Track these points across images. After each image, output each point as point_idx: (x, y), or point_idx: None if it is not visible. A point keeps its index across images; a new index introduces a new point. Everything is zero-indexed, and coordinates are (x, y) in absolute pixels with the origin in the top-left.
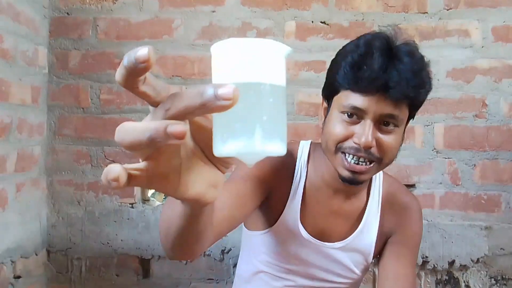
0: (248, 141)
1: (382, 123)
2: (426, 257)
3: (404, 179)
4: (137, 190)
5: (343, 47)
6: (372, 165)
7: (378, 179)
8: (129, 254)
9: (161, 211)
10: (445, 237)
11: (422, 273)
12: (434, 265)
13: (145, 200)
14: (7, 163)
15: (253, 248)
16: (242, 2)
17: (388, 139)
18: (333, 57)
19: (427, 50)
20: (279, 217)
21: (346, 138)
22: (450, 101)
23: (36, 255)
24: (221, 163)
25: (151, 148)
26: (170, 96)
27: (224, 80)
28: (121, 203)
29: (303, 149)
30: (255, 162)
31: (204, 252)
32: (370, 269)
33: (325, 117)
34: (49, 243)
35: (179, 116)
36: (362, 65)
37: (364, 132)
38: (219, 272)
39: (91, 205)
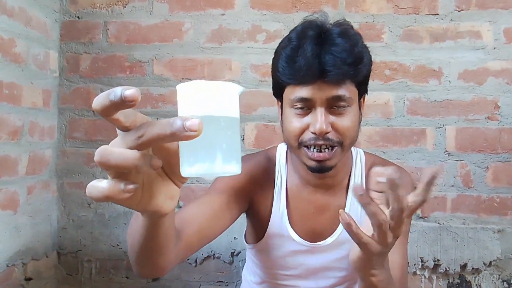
0: (211, 165)
1: (333, 106)
2: (438, 260)
3: (416, 182)
4: None
5: (279, 43)
6: (334, 150)
7: (359, 164)
8: None
9: (129, 226)
10: (457, 240)
11: (434, 277)
12: (446, 268)
13: None
14: (19, 166)
15: (254, 260)
16: (251, 5)
17: (342, 121)
18: None
19: (438, 52)
20: (268, 225)
21: (303, 131)
22: (461, 103)
23: (47, 257)
24: (177, 178)
25: (132, 172)
26: (142, 124)
27: (189, 113)
28: None
29: (281, 151)
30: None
31: (214, 254)
32: None
33: (281, 115)
34: (60, 245)
35: (151, 143)
36: (295, 57)
37: (317, 119)
38: (228, 275)
39: (101, 208)
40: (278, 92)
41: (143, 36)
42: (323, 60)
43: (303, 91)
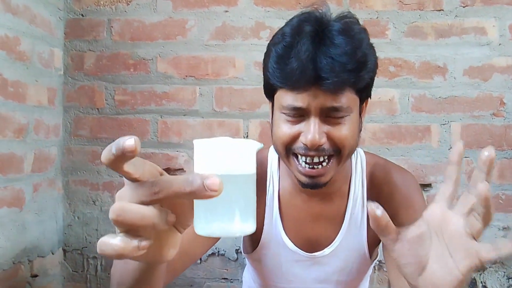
0: (229, 225)
1: (329, 115)
2: None
3: (420, 179)
4: None
5: (272, 37)
6: (330, 162)
7: (359, 168)
8: None
9: (113, 263)
10: None
11: None
12: None
13: None
14: (24, 164)
15: (250, 270)
16: (255, 2)
17: (339, 130)
18: None
19: (443, 48)
20: (261, 233)
21: (293, 139)
22: (467, 99)
23: (53, 254)
24: (182, 227)
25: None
26: (158, 180)
27: (207, 171)
28: None
29: (272, 155)
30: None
31: (218, 251)
32: (385, 269)
33: (272, 117)
34: (65, 243)
35: (167, 200)
36: (287, 58)
37: (309, 130)
38: (233, 272)
39: (106, 205)
40: (269, 92)
41: (147, 34)
42: (319, 64)
43: (295, 99)
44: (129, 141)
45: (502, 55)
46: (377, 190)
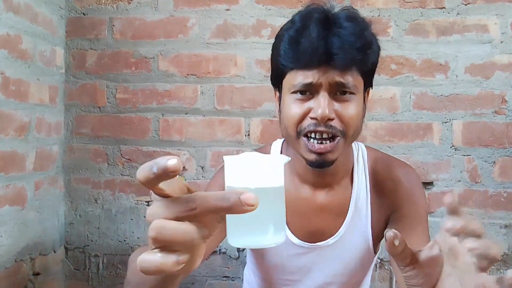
0: (263, 237)
1: (337, 93)
2: None
3: (422, 177)
4: None
5: (281, 27)
6: (336, 141)
7: (361, 160)
8: None
9: (130, 266)
10: None
11: None
12: None
13: None
14: (26, 162)
15: (252, 266)
16: (256, 0)
17: (347, 108)
18: None
19: (444, 46)
20: None
21: (303, 117)
22: (468, 97)
23: (54, 252)
24: (208, 237)
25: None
26: (193, 196)
27: (240, 186)
28: (137, 201)
29: (275, 150)
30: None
31: (220, 249)
32: (387, 268)
33: (279, 106)
34: (67, 241)
35: (204, 216)
36: (299, 39)
37: (320, 104)
38: (234, 270)
39: (108, 203)
40: (278, 79)
41: (149, 32)
42: (330, 42)
43: (306, 76)
44: (172, 161)
45: (504, 53)
46: (381, 186)
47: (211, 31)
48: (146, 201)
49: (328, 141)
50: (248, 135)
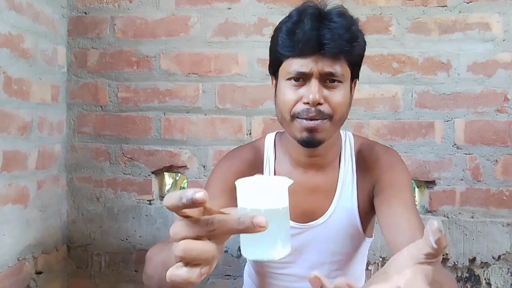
0: (272, 251)
1: (326, 81)
2: (446, 254)
3: (424, 175)
4: (154, 187)
5: (280, 22)
6: (325, 121)
7: (348, 146)
8: (147, 250)
9: (150, 262)
10: (466, 234)
11: None
12: (454, 262)
13: (162, 196)
14: (28, 161)
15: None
16: None
17: (335, 95)
18: None
19: (447, 44)
20: None
21: (296, 102)
22: (471, 95)
23: (57, 250)
24: (222, 241)
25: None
26: (213, 219)
27: (252, 207)
28: (139, 199)
29: (269, 142)
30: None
31: None
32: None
33: (275, 91)
34: (69, 239)
35: (222, 235)
36: (295, 30)
37: (311, 90)
38: (236, 268)
39: (110, 202)
40: (275, 67)
41: (150, 31)
42: (322, 33)
43: (300, 64)
44: (199, 194)
45: (506, 51)
46: (364, 165)
47: (213, 29)
48: (148, 200)
49: (317, 121)
50: (250, 133)
